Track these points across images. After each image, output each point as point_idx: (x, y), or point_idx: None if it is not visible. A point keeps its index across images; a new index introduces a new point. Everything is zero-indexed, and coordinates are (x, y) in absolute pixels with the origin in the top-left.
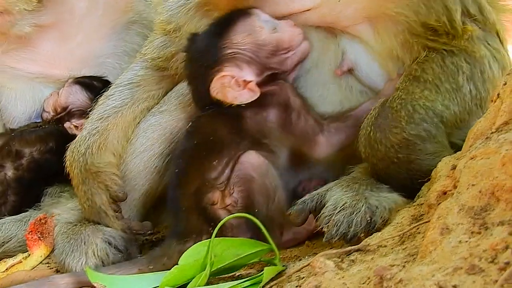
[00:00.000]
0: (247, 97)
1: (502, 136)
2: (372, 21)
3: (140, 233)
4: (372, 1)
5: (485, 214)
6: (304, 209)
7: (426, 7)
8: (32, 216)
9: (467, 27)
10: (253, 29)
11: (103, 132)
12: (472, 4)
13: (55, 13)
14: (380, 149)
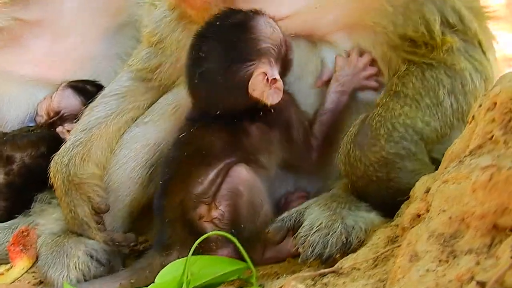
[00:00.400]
0: (277, 97)
1: (474, 161)
2: (350, 30)
3: (123, 245)
4: (350, 10)
5: (454, 242)
6: (282, 227)
7: (403, 18)
8: (20, 224)
9: (447, 38)
10: (272, 24)
11: (86, 143)
12: (451, 13)
13: (41, 10)
14: (359, 167)
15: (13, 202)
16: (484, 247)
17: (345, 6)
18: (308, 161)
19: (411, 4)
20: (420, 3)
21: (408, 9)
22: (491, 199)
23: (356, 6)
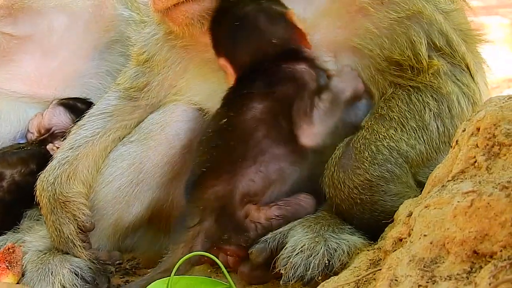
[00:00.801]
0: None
1: (456, 186)
2: (337, 52)
3: (108, 263)
4: (337, 32)
5: (434, 267)
6: (265, 248)
7: (389, 41)
8: (9, 240)
9: (433, 62)
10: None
11: (73, 162)
12: (438, 36)
13: (30, 26)
14: (343, 190)
15: (2, 218)
16: (464, 273)
17: (332, 26)
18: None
19: (397, 27)
20: (406, 26)
21: (394, 31)
22: (471, 225)
23: (342, 27)
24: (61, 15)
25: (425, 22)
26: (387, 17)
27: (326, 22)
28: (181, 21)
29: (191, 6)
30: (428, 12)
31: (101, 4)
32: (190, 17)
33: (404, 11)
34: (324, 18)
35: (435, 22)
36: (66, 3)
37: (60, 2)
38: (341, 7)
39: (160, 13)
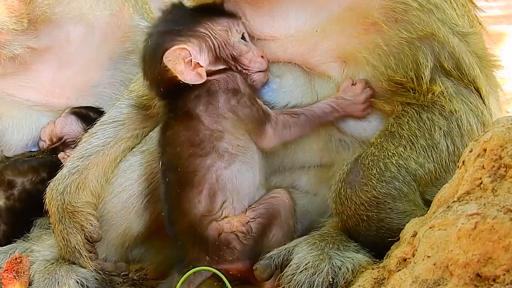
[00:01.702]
0: (192, 79)
1: (461, 208)
2: (344, 62)
3: (114, 275)
4: (347, 41)
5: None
6: (270, 264)
7: (395, 60)
8: (18, 248)
9: (433, 87)
10: (232, 29)
11: (83, 171)
12: (448, 59)
13: (49, 38)
14: (350, 206)
15: (12, 226)
16: None
17: (341, 37)
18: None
19: (406, 47)
20: (415, 47)
21: (402, 51)
22: (475, 248)
23: (353, 37)
24: (78, 26)
25: (437, 44)
26: (398, 36)
27: (337, 29)
28: None
29: None
30: (441, 34)
31: (118, 14)
32: None
33: (416, 32)
34: (336, 24)
35: (447, 45)
36: (83, 13)
37: (78, 12)
38: (355, 17)
39: None
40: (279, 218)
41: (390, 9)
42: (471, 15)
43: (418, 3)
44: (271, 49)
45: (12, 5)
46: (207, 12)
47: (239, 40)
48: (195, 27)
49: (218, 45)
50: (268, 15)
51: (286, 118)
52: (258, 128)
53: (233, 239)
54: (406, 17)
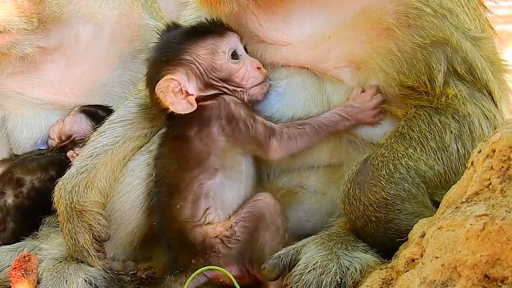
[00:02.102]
0: (183, 108)
1: (469, 209)
2: (357, 67)
3: (122, 274)
4: (359, 47)
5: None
6: (278, 264)
7: (408, 66)
8: (26, 246)
9: (447, 90)
10: (217, 51)
11: (91, 171)
12: (461, 63)
13: (59, 37)
14: (358, 207)
15: (21, 224)
16: None
17: (354, 43)
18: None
19: (419, 52)
20: (428, 52)
21: (415, 57)
22: (483, 249)
23: (365, 42)
24: (87, 25)
25: (450, 49)
26: (411, 41)
27: (349, 34)
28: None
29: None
30: (455, 39)
31: (128, 13)
32: None
33: (429, 37)
34: (349, 30)
35: (460, 50)
36: (93, 12)
37: (88, 11)
38: (368, 22)
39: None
40: (263, 220)
41: (404, 14)
42: (483, 18)
43: (432, 9)
44: (283, 54)
45: (22, 5)
46: (194, 34)
47: (227, 60)
48: (181, 54)
49: (205, 71)
50: (282, 21)
51: (291, 130)
52: (261, 145)
53: (218, 243)
54: (419, 22)
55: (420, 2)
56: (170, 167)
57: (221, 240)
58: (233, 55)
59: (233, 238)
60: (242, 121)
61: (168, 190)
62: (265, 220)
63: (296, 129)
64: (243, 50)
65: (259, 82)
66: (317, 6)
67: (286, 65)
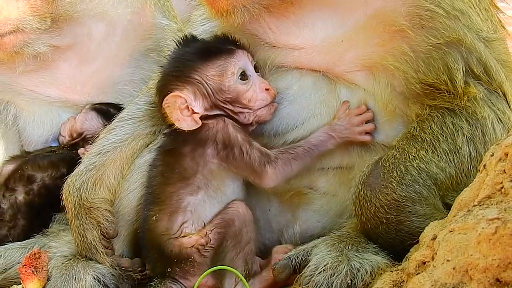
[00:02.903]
0: (188, 125)
1: (481, 212)
2: (371, 70)
3: (130, 270)
4: (372, 50)
5: None
6: (288, 265)
7: (425, 65)
8: (36, 243)
9: (469, 88)
10: (226, 72)
11: (100, 168)
12: (477, 64)
13: (72, 36)
14: (369, 208)
15: (31, 221)
16: None
17: (367, 46)
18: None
19: (434, 52)
20: (444, 52)
21: (431, 56)
22: (495, 252)
23: (379, 45)
24: (100, 24)
25: (465, 49)
26: (425, 42)
27: (362, 37)
28: (222, 7)
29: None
30: (468, 40)
31: (140, 12)
32: (233, 5)
33: (443, 38)
34: (361, 33)
35: (475, 50)
36: (105, 11)
37: (100, 10)
38: (380, 25)
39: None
40: (232, 226)
41: (416, 15)
42: (494, 19)
43: (444, 10)
44: (295, 58)
45: (35, 4)
46: (205, 53)
47: (235, 81)
48: (190, 73)
49: (212, 92)
50: (294, 26)
51: (285, 155)
52: (256, 172)
53: (194, 253)
54: (432, 23)
55: (432, 4)
56: (156, 177)
57: (197, 249)
58: (242, 76)
59: (208, 246)
60: (238, 146)
61: (149, 199)
62: (233, 227)
63: (289, 154)
64: (253, 70)
65: (267, 104)
66: (329, 9)
67: (298, 68)
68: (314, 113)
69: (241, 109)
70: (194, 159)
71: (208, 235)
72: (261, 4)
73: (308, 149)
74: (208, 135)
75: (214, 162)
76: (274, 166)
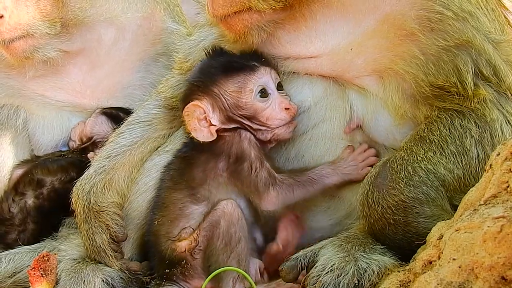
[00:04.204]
0: (203, 136)
1: (487, 211)
2: (380, 74)
3: (139, 274)
4: (382, 55)
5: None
6: (295, 265)
7: (435, 67)
8: (46, 247)
9: (479, 90)
10: (244, 88)
11: (109, 171)
12: (486, 66)
13: (82, 41)
14: (377, 209)
15: (41, 225)
16: None
17: (377, 51)
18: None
19: (444, 55)
20: (454, 54)
21: (441, 58)
22: (500, 250)
23: (389, 49)
24: (110, 28)
25: (474, 51)
26: (435, 44)
27: (372, 43)
28: (239, 29)
29: (252, 15)
30: (477, 42)
31: (150, 17)
32: (249, 26)
33: (453, 40)
34: (371, 39)
35: (484, 52)
36: (115, 16)
37: (110, 15)
38: (390, 30)
39: (218, 19)
40: (218, 228)
41: (426, 18)
42: (501, 19)
43: (453, 12)
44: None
45: (45, 9)
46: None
47: (253, 98)
48: (211, 85)
49: (229, 107)
50: (307, 38)
51: (290, 181)
52: (259, 192)
53: (187, 256)
54: (442, 26)
55: (441, 6)
56: (166, 181)
57: (190, 253)
58: (261, 93)
59: (197, 249)
60: (249, 162)
61: (155, 204)
62: (220, 229)
63: (294, 181)
64: (274, 88)
65: (286, 123)
66: (340, 18)
67: (308, 74)
68: (324, 117)
69: (259, 126)
70: (205, 170)
71: (197, 239)
72: (276, 22)
73: (312, 179)
74: (223, 148)
75: (223, 175)
76: (277, 190)
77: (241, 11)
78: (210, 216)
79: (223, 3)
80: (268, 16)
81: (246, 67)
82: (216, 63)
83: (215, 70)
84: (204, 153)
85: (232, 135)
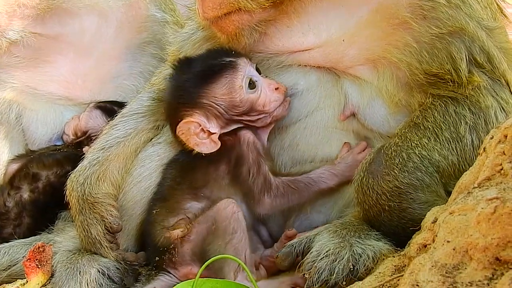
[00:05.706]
0: (208, 148)
1: (481, 193)
2: (374, 63)
3: (135, 264)
4: (376, 44)
5: (456, 273)
6: (291, 252)
7: (429, 55)
8: (41, 240)
9: (473, 77)
10: (233, 87)
11: (103, 163)
12: (480, 53)
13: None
14: (371, 196)
15: (36, 219)
16: (485, 279)
17: (370, 41)
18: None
19: (438, 42)
20: (447, 41)
21: (434, 46)
22: (494, 232)
23: (380, 41)
24: (91, 16)
25: (467, 38)
26: (429, 32)
27: (365, 33)
28: (231, 31)
29: (242, 16)
30: (471, 29)
31: (134, 4)
32: (240, 28)
33: (446, 27)
34: (365, 29)
35: (477, 39)
36: (96, 3)
37: (90, 2)
38: (383, 19)
39: (209, 22)
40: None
41: (418, 6)
42: (494, 7)
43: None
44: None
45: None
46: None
47: (245, 92)
48: (197, 98)
49: (225, 110)
50: (300, 33)
51: (285, 188)
52: (253, 197)
53: (177, 243)
54: (434, 13)
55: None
56: (167, 179)
57: (180, 241)
58: (250, 84)
59: (186, 237)
60: (247, 167)
61: (156, 196)
62: (213, 225)
63: (289, 188)
64: (257, 74)
65: (281, 102)
66: (331, 9)
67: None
68: (318, 106)
69: (258, 116)
70: (208, 172)
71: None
72: (267, 20)
73: (309, 184)
74: (224, 152)
75: (226, 179)
76: (272, 198)
77: (231, 13)
78: (207, 211)
79: (212, 5)
80: (259, 15)
81: (226, 67)
82: (190, 74)
83: (196, 81)
84: (206, 158)
85: (232, 139)
